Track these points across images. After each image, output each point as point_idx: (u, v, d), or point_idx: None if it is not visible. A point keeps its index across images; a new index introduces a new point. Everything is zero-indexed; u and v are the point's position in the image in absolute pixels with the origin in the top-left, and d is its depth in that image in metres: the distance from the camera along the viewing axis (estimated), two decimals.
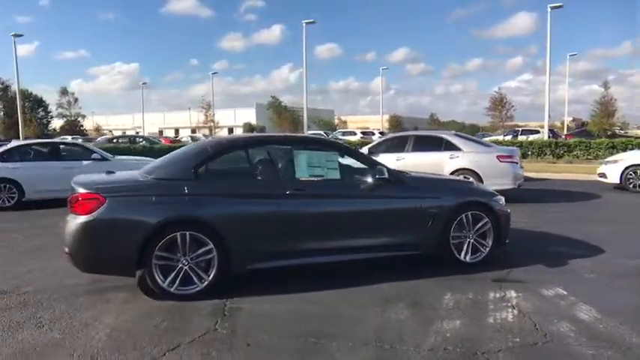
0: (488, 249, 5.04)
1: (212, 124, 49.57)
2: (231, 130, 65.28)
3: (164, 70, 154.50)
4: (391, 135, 16.11)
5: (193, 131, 62.26)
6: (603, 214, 8.41)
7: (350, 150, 5.16)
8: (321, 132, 40.54)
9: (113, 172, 4.75)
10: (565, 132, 36.32)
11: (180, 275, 4.06)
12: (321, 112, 68.13)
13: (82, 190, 4.04)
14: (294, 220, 4.37)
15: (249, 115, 74.70)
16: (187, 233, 4.04)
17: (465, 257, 4.96)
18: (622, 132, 36.58)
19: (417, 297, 4.15)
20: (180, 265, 4.06)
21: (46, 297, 4.20)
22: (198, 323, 3.60)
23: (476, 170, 9.40)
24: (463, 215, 4.92)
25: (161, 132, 70.63)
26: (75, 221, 3.97)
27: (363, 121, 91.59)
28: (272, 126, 55.05)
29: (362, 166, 4.85)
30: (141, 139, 29.84)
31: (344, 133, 39.38)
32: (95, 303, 4.06)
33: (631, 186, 11.02)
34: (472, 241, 4.98)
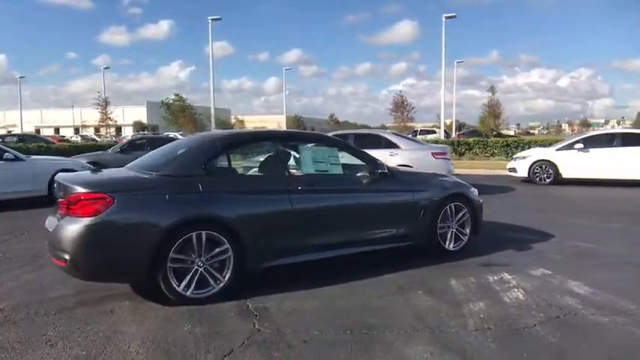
0: (467, 237, 5.44)
1: (110, 121, 45.89)
2: (119, 129, 61.06)
3: (37, 64, 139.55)
4: (330, 134, 16.38)
5: (77, 130, 57.23)
6: (530, 204, 9.44)
7: (347, 146, 5.23)
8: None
9: (100, 170, 4.30)
10: (457, 132, 39.71)
11: (196, 278, 3.82)
12: (217, 111, 66.44)
13: (83, 190, 3.61)
14: (305, 215, 4.33)
15: (140, 114, 70.59)
16: (203, 233, 3.81)
17: (449, 246, 5.29)
18: (497, 132, 40.91)
19: (427, 284, 4.35)
20: (196, 267, 3.82)
21: (33, 312, 3.68)
22: (234, 326, 3.43)
23: (414, 167, 9.96)
24: (447, 207, 5.25)
25: (38, 131, 63.65)
26: (76, 224, 3.54)
27: (262, 120, 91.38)
28: (166, 125, 52.56)
29: (359, 161, 4.93)
30: (20, 138, 26.60)
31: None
32: (98, 314, 3.65)
33: (537, 179, 12.48)
34: (454, 230, 5.33)
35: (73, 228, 3.53)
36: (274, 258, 4.20)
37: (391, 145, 10.37)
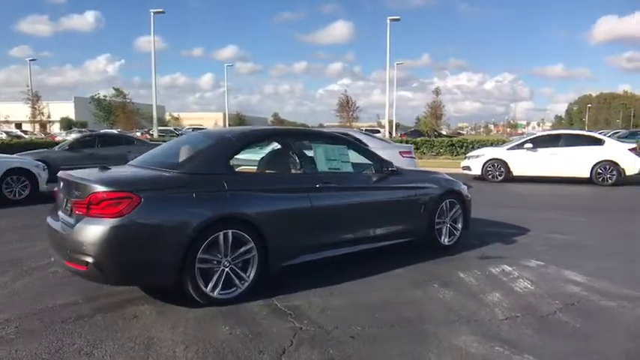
0: (459, 232, 5.68)
1: (42, 117, 42.60)
2: (44, 125, 56.98)
3: None
4: None
5: (18, 126, 52.49)
6: (491, 200, 9.95)
7: (355, 144, 5.27)
8: (171, 128, 38.36)
9: (108, 167, 4.05)
10: (401, 132, 40.88)
11: (223, 278, 3.72)
12: (152, 108, 63.81)
13: (106, 189, 3.39)
14: (324, 213, 4.33)
15: (67, 110, 66.33)
16: (230, 232, 3.71)
17: (444, 241, 5.51)
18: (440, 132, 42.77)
19: (439, 278, 4.50)
20: (222, 268, 3.72)
21: (47, 321, 3.41)
22: (273, 325, 3.37)
23: None
24: (443, 203, 5.45)
25: None
26: (100, 226, 3.32)
27: (198, 118, 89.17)
28: (96, 121, 49.84)
29: (365, 159, 5.00)
30: None
31: (194, 129, 37.89)
32: (121, 320, 3.45)
33: (490, 177, 13.20)
34: (448, 225, 5.56)
35: (97, 230, 3.31)
36: (295, 256, 4.17)
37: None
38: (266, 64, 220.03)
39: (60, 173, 4.13)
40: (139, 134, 31.99)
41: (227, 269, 3.74)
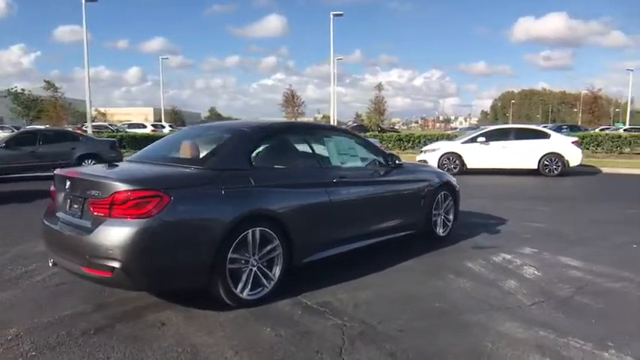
0: (451, 223, 5.84)
1: None
2: None
3: None
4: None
5: None
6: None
7: (362, 138, 5.23)
8: (106, 124, 36.26)
9: (117, 165, 3.75)
10: (344, 127, 41.12)
11: (251, 278, 3.57)
12: (77, 103, 59.67)
13: (131, 187, 3.12)
14: (342, 207, 4.28)
15: None
16: (258, 230, 3.57)
17: (439, 232, 5.64)
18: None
19: (450, 268, 4.60)
20: (250, 267, 3.57)
21: (65, 333, 3.10)
22: (316, 323, 3.28)
23: None
24: (439, 195, 5.58)
25: None
26: (128, 227, 3.06)
27: (126, 113, 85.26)
28: (13, 117, 46.00)
29: (370, 153, 4.99)
30: None
31: (130, 126, 36.14)
32: (149, 328, 3.21)
33: (446, 169, 13.65)
34: (442, 217, 5.70)
35: (124, 232, 3.05)
36: (315, 252, 4.09)
37: None
38: (197, 57, 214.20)
39: (59, 171, 3.77)
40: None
41: (255, 268, 3.59)
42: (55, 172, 3.90)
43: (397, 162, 4.94)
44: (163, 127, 37.06)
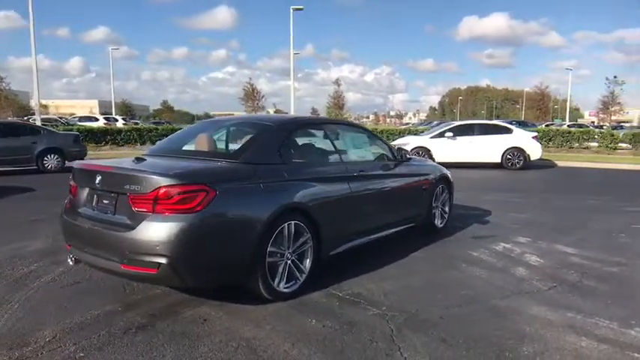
0: (447, 215, 6.08)
1: None
2: None
3: None
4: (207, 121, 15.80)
5: None
6: None
7: (372, 133, 5.31)
8: (55, 117, 34.36)
9: (144, 159, 3.64)
10: None
11: (286, 272, 3.60)
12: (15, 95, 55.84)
13: (175, 182, 3.06)
14: (362, 200, 4.37)
15: None
16: (293, 223, 3.59)
17: (438, 223, 5.86)
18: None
19: (459, 257, 4.80)
20: (285, 260, 3.59)
21: (105, 334, 3.01)
22: (357, 314, 3.36)
23: None
24: (438, 188, 5.79)
25: None
26: (176, 222, 3.00)
27: (70, 106, 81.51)
28: None
29: (380, 147, 5.10)
30: None
31: (81, 118, 34.47)
32: (194, 324, 3.17)
33: None
34: (440, 209, 5.92)
35: (172, 227, 2.98)
36: (340, 244, 4.16)
37: None
38: (143, 48, 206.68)
39: (83, 165, 3.63)
40: None
41: (289, 262, 3.62)
42: (75, 166, 3.74)
43: (408, 156, 5.08)
44: (116, 120, 35.65)
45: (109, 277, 4.02)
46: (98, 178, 3.34)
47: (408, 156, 5.16)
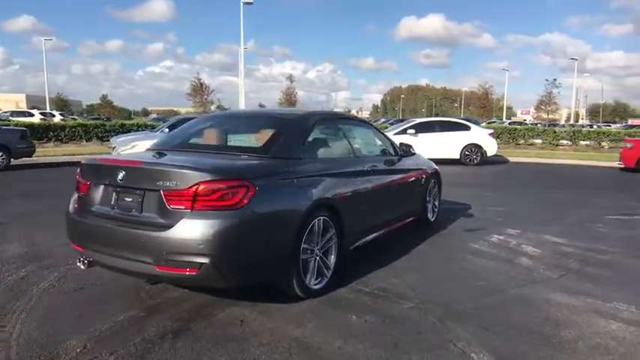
0: (437, 209, 6.23)
1: None
2: None
3: None
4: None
5: None
6: None
7: (376, 128, 5.30)
8: None
9: (164, 154, 3.44)
10: None
11: (316, 268, 3.54)
12: None
13: (216, 177, 2.91)
14: (377, 195, 4.37)
15: None
16: (322, 219, 3.53)
17: (431, 217, 5.99)
18: None
19: (462, 249, 4.94)
20: (315, 257, 3.53)
21: (139, 341, 2.83)
22: (392, 308, 3.36)
23: None
24: (431, 182, 5.91)
25: None
26: (219, 220, 2.86)
27: None
28: None
29: (384, 143, 5.12)
30: None
31: (14, 113, 32.10)
32: (233, 326, 3.04)
33: None
34: (432, 203, 6.05)
35: (214, 225, 2.83)
36: (357, 239, 4.15)
37: None
38: (73, 40, 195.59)
39: (101, 159, 3.40)
40: None
41: (318, 258, 3.56)
42: (90, 161, 3.46)
43: (412, 151, 5.14)
44: (53, 115, 33.51)
45: (115, 281, 3.81)
46: (121, 174, 3.11)
47: (412, 151, 5.22)
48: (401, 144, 5.25)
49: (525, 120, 63.23)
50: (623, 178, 12.21)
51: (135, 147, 9.40)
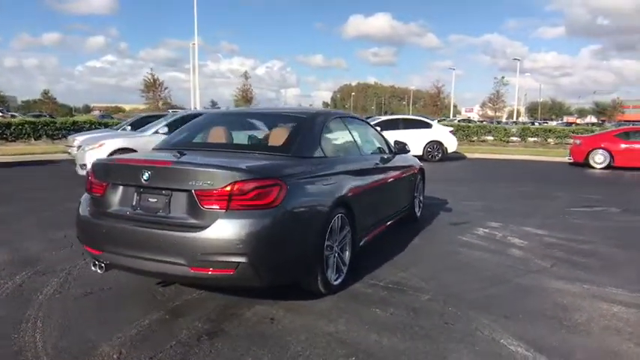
0: (422, 204, 6.45)
1: None
2: None
3: None
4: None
5: None
6: None
7: (372, 126, 5.39)
8: None
9: (184, 154, 3.38)
10: None
11: (335, 265, 3.61)
12: None
13: (251, 176, 2.91)
14: (381, 191, 4.50)
15: None
16: (339, 216, 3.61)
17: (417, 213, 6.20)
18: None
19: (454, 242, 5.16)
20: (334, 253, 3.60)
21: (174, 344, 2.79)
22: (414, 301, 3.48)
23: None
24: (417, 178, 6.11)
25: None
26: (255, 219, 2.87)
27: None
28: None
29: (379, 141, 5.24)
30: None
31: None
32: (265, 325, 3.06)
33: None
34: (418, 199, 6.26)
35: (252, 223, 2.84)
36: (365, 236, 4.24)
37: None
38: (5, 33, 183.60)
39: (122, 159, 3.28)
40: None
41: (336, 255, 3.63)
42: (104, 161, 3.35)
43: (407, 148, 5.29)
44: None
45: (124, 285, 3.75)
46: (146, 174, 3.04)
47: (407, 148, 5.38)
48: (395, 142, 5.40)
49: (470, 117, 65.84)
50: (575, 173, 13.05)
51: (102, 146, 9.02)
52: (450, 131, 15.51)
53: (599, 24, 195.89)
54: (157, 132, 9.57)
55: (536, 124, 41.95)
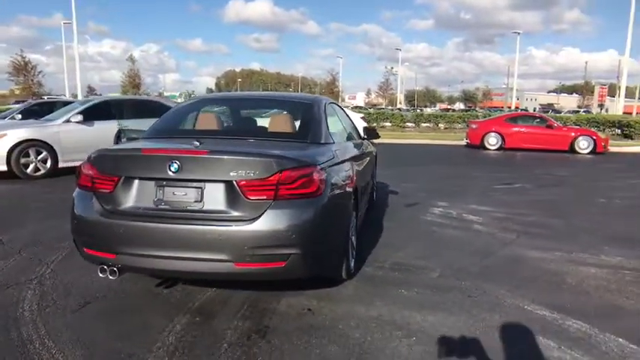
0: (375, 187, 6.68)
1: None
2: None
3: None
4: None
5: None
6: None
7: (346, 112, 5.35)
8: None
9: (200, 143, 3.10)
10: None
11: (350, 249, 3.62)
12: None
13: (297, 164, 2.79)
14: (366, 176, 4.61)
15: None
16: (353, 201, 3.62)
17: (374, 196, 6.42)
18: None
19: (422, 222, 5.46)
20: (351, 238, 3.61)
21: (226, 347, 2.62)
22: (429, 280, 3.65)
23: None
24: (375, 161, 6.31)
25: None
26: (305, 208, 2.78)
27: None
28: None
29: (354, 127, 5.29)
30: None
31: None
32: (306, 317, 2.98)
33: None
34: (374, 182, 6.47)
35: (303, 212, 2.74)
36: (358, 219, 4.29)
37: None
38: None
39: (143, 149, 2.91)
40: None
41: (352, 240, 3.65)
42: (111, 153, 2.93)
43: (378, 133, 5.40)
44: None
45: (117, 290, 3.41)
46: (175, 165, 2.74)
47: (377, 133, 5.48)
48: (365, 128, 5.48)
49: (353, 104, 68.70)
50: (474, 154, 14.38)
51: (4, 137, 7.82)
52: (362, 117, 16.07)
53: (462, 18, 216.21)
54: (68, 120, 8.54)
55: (418, 110, 45.24)
